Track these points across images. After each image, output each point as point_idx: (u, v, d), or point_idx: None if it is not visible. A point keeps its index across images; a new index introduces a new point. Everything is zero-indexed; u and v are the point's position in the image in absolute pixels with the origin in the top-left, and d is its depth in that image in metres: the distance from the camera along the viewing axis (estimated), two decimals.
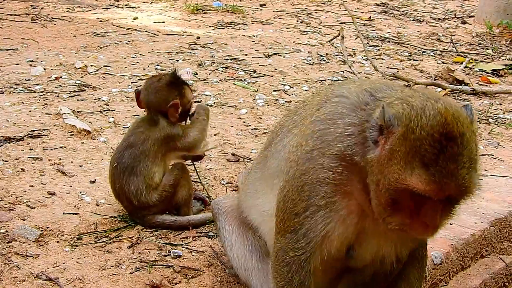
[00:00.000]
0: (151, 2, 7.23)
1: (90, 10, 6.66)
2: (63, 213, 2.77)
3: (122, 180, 2.74)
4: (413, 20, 7.62)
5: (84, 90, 4.22)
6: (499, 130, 4.33)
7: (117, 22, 6.22)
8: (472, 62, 5.95)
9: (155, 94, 2.85)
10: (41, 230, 2.63)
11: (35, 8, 6.50)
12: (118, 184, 2.76)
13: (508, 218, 3.17)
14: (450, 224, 2.94)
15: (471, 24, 7.67)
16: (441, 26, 7.46)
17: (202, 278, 2.43)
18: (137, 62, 4.92)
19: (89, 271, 2.42)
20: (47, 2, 6.81)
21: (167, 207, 2.83)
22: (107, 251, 2.56)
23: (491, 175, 3.61)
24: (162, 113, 2.84)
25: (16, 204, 2.79)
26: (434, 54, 6.17)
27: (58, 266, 2.44)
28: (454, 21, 7.83)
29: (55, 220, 2.71)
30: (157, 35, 5.84)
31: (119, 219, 2.78)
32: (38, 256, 2.48)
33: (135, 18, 6.43)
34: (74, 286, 2.34)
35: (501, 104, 4.91)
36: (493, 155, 3.90)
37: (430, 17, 7.87)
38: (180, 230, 2.74)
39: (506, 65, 5.97)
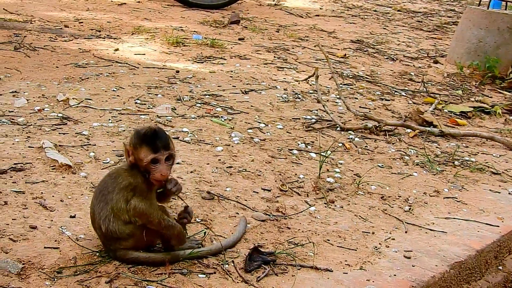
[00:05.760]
0: (132, 34, 7.38)
1: (72, 40, 6.80)
2: (44, 247, 2.89)
3: (95, 205, 2.86)
4: (387, 58, 7.86)
5: (66, 124, 4.35)
6: (464, 173, 4.53)
7: (98, 53, 6.36)
8: (441, 104, 6.18)
9: None
10: (23, 264, 2.75)
11: (18, 36, 6.62)
12: (92, 209, 2.88)
13: (467, 261, 3.34)
14: (412, 266, 3.13)
15: (443, 64, 7.92)
16: (413, 65, 7.71)
17: None
18: (118, 96, 5.06)
19: None
20: (30, 30, 6.93)
21: (140, 245, 2.87)
22: (86, 285, 2.67)
23: (454, 218, 3.80)
24: None
25: None
26: (406, 94, 6.40)
27: None
28: (427, 61, 8.08)
29: (36, 254, 2.83)
30: (137, 67, 5.99)
31: (97, 254, 2.91)
32: None
33: (116, 50, 6.57)
34: None
35: (467, 147, 5.12)
36: (456, 198, 4.09)
37: (404, 56, 8.12)
38: (156, 266, 2.87)
39: (474, 107, 6.21)
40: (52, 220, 3.13)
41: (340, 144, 4.70)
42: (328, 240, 3.33)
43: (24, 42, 6.40)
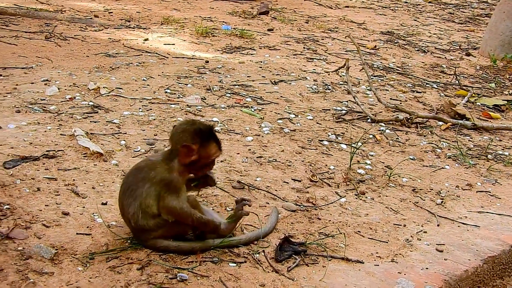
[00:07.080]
0: (162, 24, 7.39)
1: (102, 30, 6.83)
2: (77, 233, 2.91)
3: (123, 200, 2.86)
4: (418, 50, 7.77)
5: (97, 112, 4.37)
6: (498, 167, 4.46)
7: (128, 43, 6.38)
8: (474, 96, 6.09)
9: (179, 132, 2.87)
10: (56, 249, 2.76)
11: (49, 25, 6.67)
12: (120, 203, 2.89)
13: (501, 256, 3.29)
14: (444, 259, 3.08)
15: (475, 57, 7.81)
16: (445, 57, 7.60)
17: None
18: (148, 85, 5.07)
19: None
20: (60, 20, 6.97)
21: (169, 234, 2.87)
22: (117, 272, 2.68)
23: (487, 212, 3.74)
24: (176, 154, 2.83)
25: (32, 223, 2.93)
26: (437, 86, 6.31)
27: (71, 284, 2.56)
28: (459, 53, 7.96)
29: (69, 240, 2.85)
30: (167, 57, 6.00)
31: (129, 241, 2.91)
32: (53, 274, 2.61)
33: (146, 39, 6.58)
34: None
35: (501, 141, 5.03)
36: (490, 192, 4.02)
37: (435, 48, 8.01)
38: (186, 254, 2.87)
39: (508, 100, 6.10)
40: (84, 207, 3.14)
41: (371, 136, 4.66)
42: (359, 231, 3.30)
43: (55, 31, 6.45)
